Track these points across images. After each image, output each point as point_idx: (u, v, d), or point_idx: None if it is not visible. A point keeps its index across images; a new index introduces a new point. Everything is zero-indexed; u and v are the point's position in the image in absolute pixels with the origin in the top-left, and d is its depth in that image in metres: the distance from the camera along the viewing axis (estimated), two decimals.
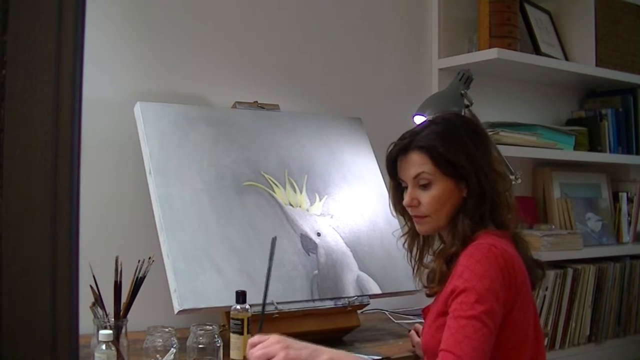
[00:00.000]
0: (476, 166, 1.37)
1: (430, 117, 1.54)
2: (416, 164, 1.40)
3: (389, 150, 1.46)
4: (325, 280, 1.72)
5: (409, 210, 1.44)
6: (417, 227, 1.45)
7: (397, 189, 1.49)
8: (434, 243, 1.50)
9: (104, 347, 1.30)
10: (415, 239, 1.50)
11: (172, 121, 1.76)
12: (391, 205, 1.52)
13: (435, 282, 1.40)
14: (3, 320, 0.56)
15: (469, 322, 1.21)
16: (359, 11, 2.35)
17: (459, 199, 1.39)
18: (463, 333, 1.20)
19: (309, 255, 1.74)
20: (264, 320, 1.41)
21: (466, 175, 1.37)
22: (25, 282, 0.57)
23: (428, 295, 1.48)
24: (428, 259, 1.50)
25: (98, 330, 1.35)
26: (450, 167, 1.37)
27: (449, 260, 1.38)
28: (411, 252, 1.51)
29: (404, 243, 1.52)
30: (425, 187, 1.39)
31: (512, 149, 2.33)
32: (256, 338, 1.30)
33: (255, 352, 1.25)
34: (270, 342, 1.27)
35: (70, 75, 0.59)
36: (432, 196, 1.39)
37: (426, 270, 1.48)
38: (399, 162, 1.44)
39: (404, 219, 1.52)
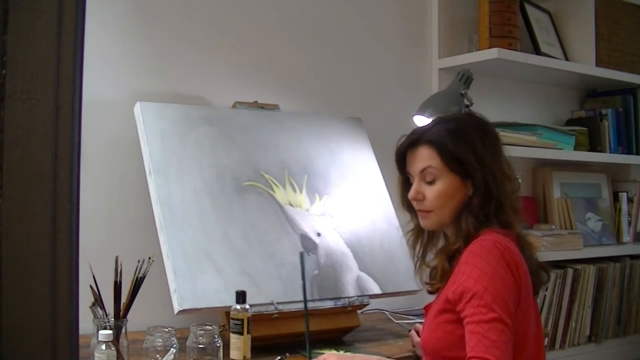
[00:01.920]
0: (483, 165, 1.37)
1: (441, 115, 1.54)
2: (424, 158, 1.41)
3: (399, 143, 1.47)
4: (325, 280, 1.72)
5: (414, 204, 1.45)
6: (421, 222, 1.45)
7: (405, 184, 1.50)
8: (438, 242, 1.50)
9: (104, 347, 1.30)
10: (420, 236, 1.50)
11: (172, 121, 1.76)
12: (399, 200, 1.53)
13: (437, 278, 1.41)
14: (3, 320, 0.56)
15: (492, 326, 1.21)
16: (359, 11, 2.35)
17: (464, 197, 1.39)
18: (489, 337, 1.20)
19: (309, 255, 1.74)
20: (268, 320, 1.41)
21: (473, 173, 1.37)
22: (25, 282, 0.57)
23: (430, 292, 1.48)
24: (431, 257, 1.50)
25: (98, 330, 1.35)
26: (458, 164, 1.38)
27: (451, 257, 1.38)
28: (414, 250, 1.51)
29: (408, 240, 1.53)
30: (432, 182, 1.41)
31: (512, 149, 2.31)
32: None
33: None
34: None
35: (70, 75, 0.59)
36: (437, 191, 1.40)
37: (427, 269, 1.48)
38: (408, 155, 1.45)
39: (410, 215, 1.52)
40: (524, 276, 1.30)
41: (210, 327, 1.43)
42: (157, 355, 1.37)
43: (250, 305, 1.51)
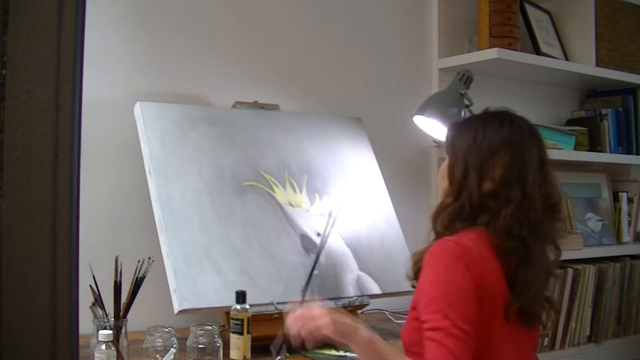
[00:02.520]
0: (456, 157, 1.36)
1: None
2: None
3: None
4: (325, 280, 1.72)
5: None
6: None
7: None
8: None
9: (103, 347, 1.30)
10: None
11: (172, 121, 1.76)
12: None
13: (411, 276, 1.40)
14: (3, 320, 0.56)
15: (448, 332, 1.16)
16: (359, 11, 2.35)
17: None
18: (446, 345, 1.15)
19: (309, 255, 1.74)
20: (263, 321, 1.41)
21: (450, 161, 1.38)
22: (25, 282, 0.57)
23: (413, 287, 1.47)
24: None
25: (98, 330, 1.35)
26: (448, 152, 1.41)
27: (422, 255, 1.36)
28: None
29: None
30: None
31: None
32: (298, 312, 1.27)
33: (304, 324, 1.23)
34: (316, 314, 1.25)
35: (70, 75, 0.59)
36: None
37: None
38: None
39: None
40: (489, 282, 1.23)
41: (210, 327, 1.43)
42: (157, 355, 1.37)
43: (250, 305, 1.51)
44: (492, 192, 1.29)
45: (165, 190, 1.64)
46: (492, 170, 1.30)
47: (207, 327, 1.43)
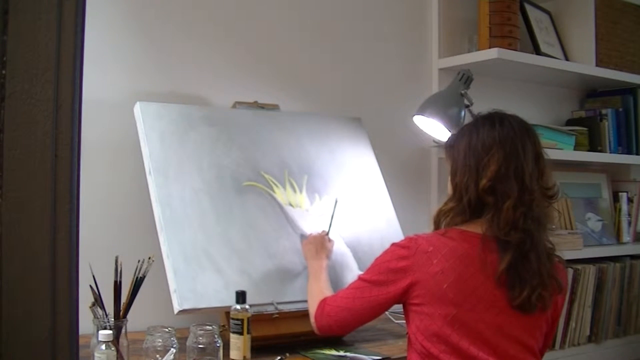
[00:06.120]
0: (455, 164, 1.41)
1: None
2: None
3: None
4: None
5: None
6: None
7: None
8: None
9: (103, 347, 1.30)
10: None
11: (172, 121, 1.76)
12: None
13: None
14: (3, 320, 0.56)
15: (355, 282, 1.43)
16: (359, 11, 2.35)
17: None
18: (347, 287, 1.44)
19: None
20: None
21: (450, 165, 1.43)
22: (25, 282, 0.57)
23: None
24: None
25: (98, 330, 1.35)
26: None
27: None
28: None
29: None
30: None
31: None
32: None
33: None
34: (310, 238, 1.73)
35: (70, 75, 0.59)
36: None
37: None
38: None
39: None
40: (434, 270, 1.31)
41: (210, 327, 1.43)
42: (157, 355, 1.37)
43: (250, 305, 1.51)
44: (488, 188, 1.34)
45: (165, 190, 1.64)
46: (487, 168, 1.35)
47: (207, 327, 1.43)
